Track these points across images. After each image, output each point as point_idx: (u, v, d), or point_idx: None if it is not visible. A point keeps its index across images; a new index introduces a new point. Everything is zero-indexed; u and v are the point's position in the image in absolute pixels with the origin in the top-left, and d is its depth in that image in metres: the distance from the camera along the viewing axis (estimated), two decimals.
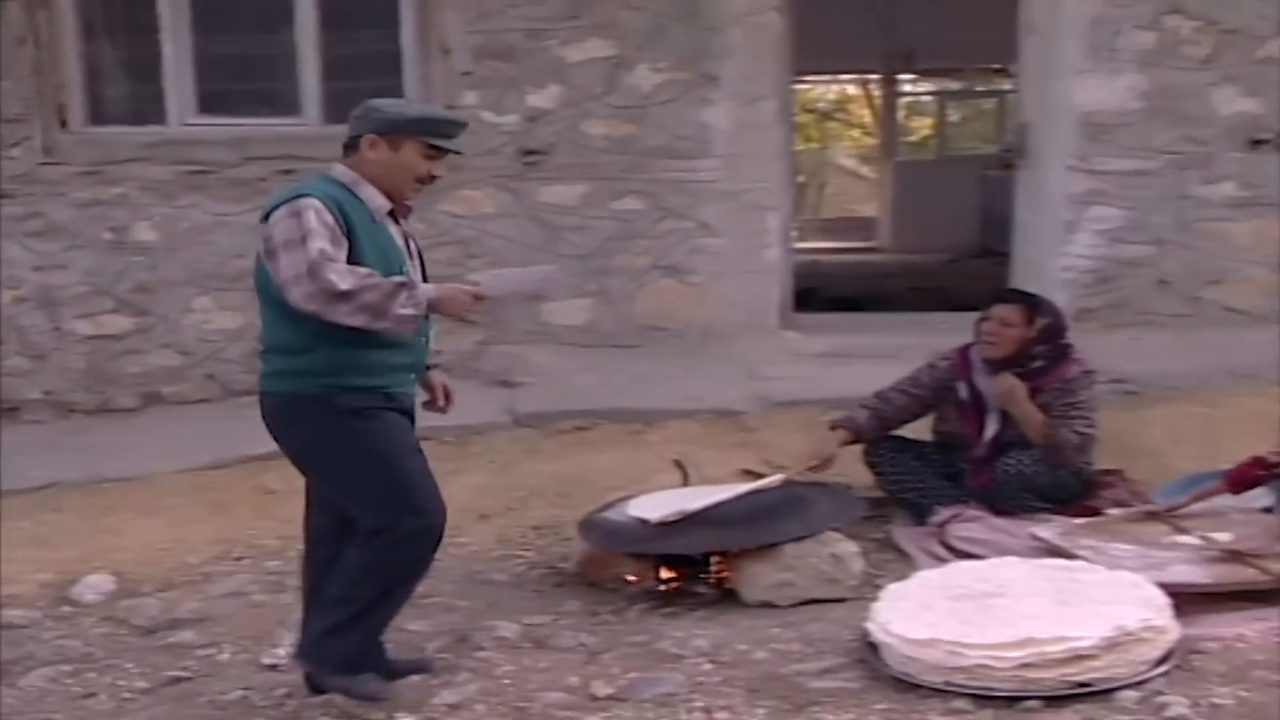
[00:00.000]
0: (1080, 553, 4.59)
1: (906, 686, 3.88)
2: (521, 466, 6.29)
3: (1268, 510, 5.03)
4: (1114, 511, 5.18)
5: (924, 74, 19.08)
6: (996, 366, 5.49)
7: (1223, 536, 4.68)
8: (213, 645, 4.72)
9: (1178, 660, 3.91)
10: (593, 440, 6.51)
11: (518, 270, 4.37)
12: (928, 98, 20.92)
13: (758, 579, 4.77)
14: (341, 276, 3.69)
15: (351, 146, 4.01)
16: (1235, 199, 7.69)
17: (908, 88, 19.64)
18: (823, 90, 24.07)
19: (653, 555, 4.95)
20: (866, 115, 23.71)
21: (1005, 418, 5.48)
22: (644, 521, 4.94)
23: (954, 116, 20.63)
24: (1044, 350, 5.50)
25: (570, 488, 5.96)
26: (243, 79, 8.13)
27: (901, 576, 4.56)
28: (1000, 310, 5.54)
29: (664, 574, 4.94)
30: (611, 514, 5.16)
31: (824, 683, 3.99)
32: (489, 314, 4.09)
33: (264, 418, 4.08)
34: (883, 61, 17.08)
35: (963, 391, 5.63)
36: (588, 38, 7.73)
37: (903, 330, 8.00)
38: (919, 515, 5.44)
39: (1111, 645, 3.78)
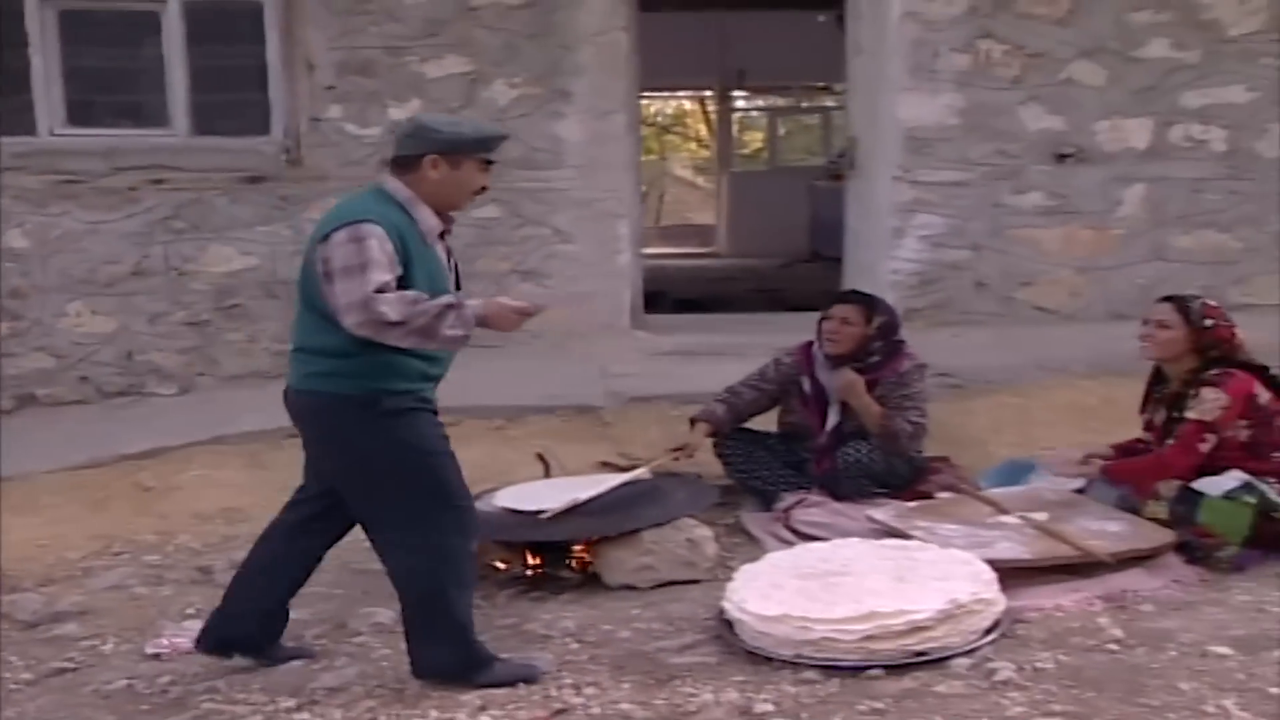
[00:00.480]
0: (914, 533, 4.68)
1: (760, 660, 3.92)
2: None
3: (1079, 492, 5.20)
4: (943, 494, 5.31)
5: (755, 91, 19.28)
6: (837, 362, 5.59)
7: (1039, 516, 4.80)
8: (96, 637, 4.62)
9: (1004, 629, 4.01)
10: (458, 435, 6.31)
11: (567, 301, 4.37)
12: (758, 113, 21.14)
13: (619, 563, 4.80)
14: (392, 307, 3.65)
15: (404, 164, 3.92)
16: (1043, 208, 7.90)
17: (740, 104, 19.82)
18: (661, 105, 24.19)
19: (520, 543, 4.94)
20: (702, 129, 23.91)
21: (845, 409, 5.58)
22: (512, 511, 4.94)
23: (782, 131, 20.88)
24: (880, 346, 5.61)
25: None
26: (111, 91, 7.95)
27: (752, 558, 4.61)
28: (841, 310, 5.64)
29: (531, 560, 4.95)
30: (480, 504, 5.11)
31: (684, 658, 4.03)
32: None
33: (297, 416, 4.03)
34: (717, 79, 17.24)
35: (806, 385, 5.72)
36: (446, 55, 7.71)
37: (743, 330, 8.10)
38: (766, 502, 5.52)
39: (946, 617, 3.86)
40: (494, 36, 7.68)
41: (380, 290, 3.66)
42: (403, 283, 3.75)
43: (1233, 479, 4.73)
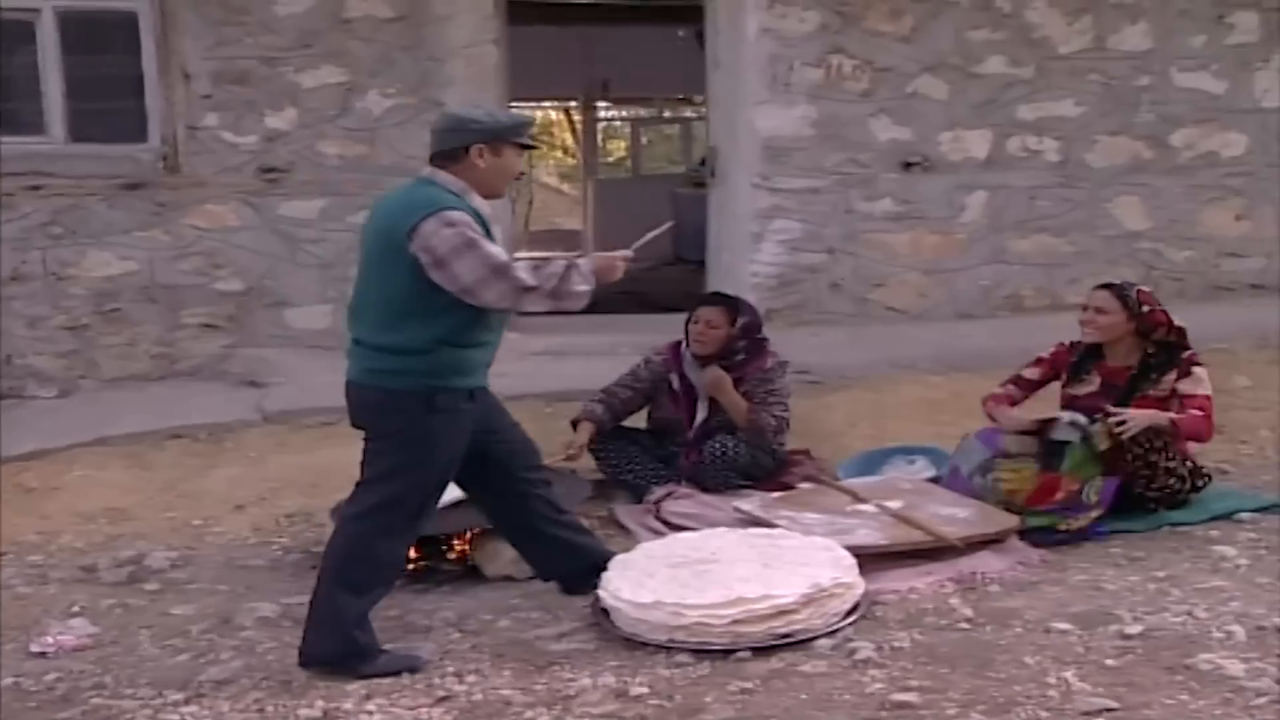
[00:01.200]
0: (778, 522, 4.71)
1: (635, 645, 3.94)
2: (272, 460, 6.12)
3: (934, 480, 5.30)
4: (804, 485, 5.36)
5: (618, 102, 19.28)
6: (705, 361, 5.63)
7: (894, 504, 4.88)
8: None
9: (863, 611, 4.07)
10: (339, 434, 6.27)
11: (651, 233, 4.55)
12: (622, 123, 21.14)
13: (498, 555, 4.78)
14: (527, 273, 3.84)
15: (449, 157, 3.98)
16: (893, 213, 8.04)
17: (604, 114, 19.81)
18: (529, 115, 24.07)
19: None
20: (568, 138, 23.82)
21: (713, 405, 5.62)
22: None
23: (645, 140, 20.91)
24: (744, 345, 5.65)
25: (320, 478, 5.83)
26: None
27: (625, 549, 4.60)
28: (706, 313, 5.67)
29: (412, 553, 4.88)
30: None
31: (562, 645, 4.03)
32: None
33: (357, 408, 4.08)
34: (582, 90, 17.21)
35: (676, 383, 5.74)
36: (321, 65, 7.60)
37: (612, 330, 8.07)
38: (637, 495, 5.52)
39: (809, 601, 3.91)
40: (368, 48, 7.59)
41: (504, 259, 3.81)
42: None
43: (1078, 415, 4.94)
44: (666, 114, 20.08)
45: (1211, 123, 8.29)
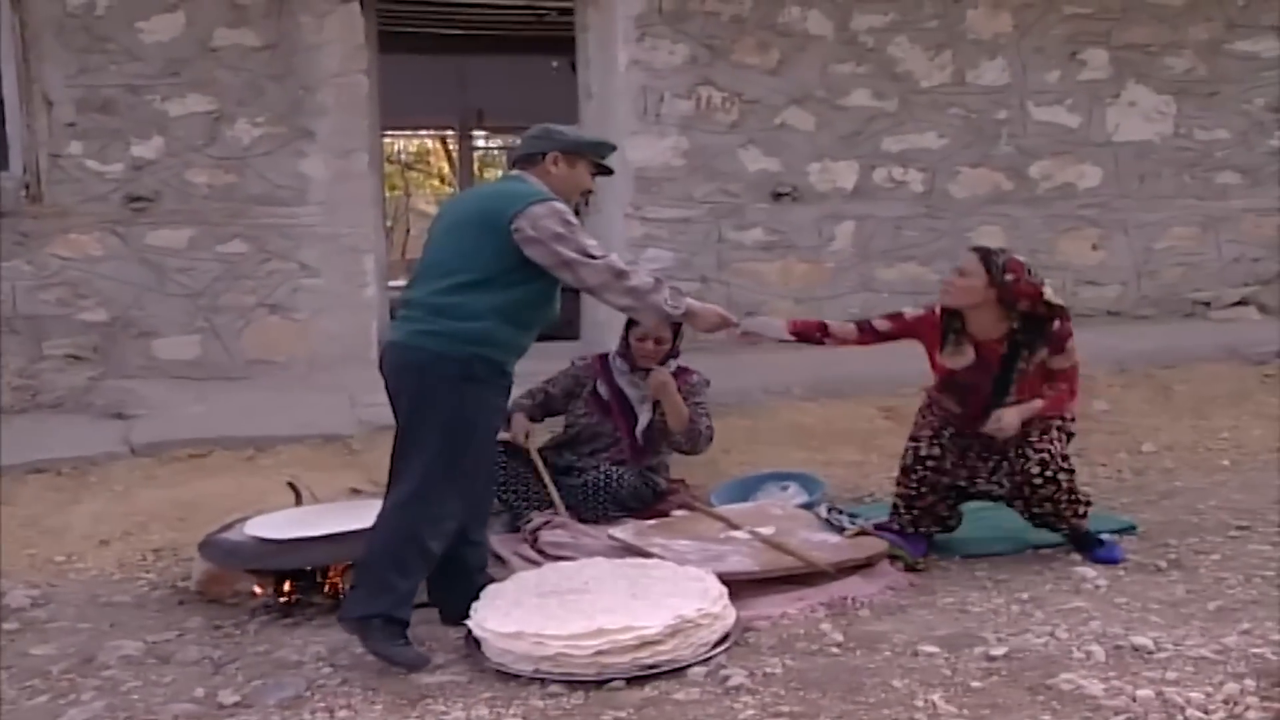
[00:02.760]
0: (652, 549, 4.70)
1: (508, 676, 3.88)
2: (139, 494, 5.93)
3: (805, 507, 5.33)
4: (679, 512, 5.34)
5: (493, 130, 19.24)
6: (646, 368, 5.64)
7: (766, 530, 4.90)
8: None
9: (736, 638, 4.06)
10: (208, 466, 6.21)
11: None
12: (498, 151, 21.11)
13: None
14: (621, 262, 4.13)
15: (528, 161, 4.32)
16: (763, 243, 8.13)
17: (480, 142, 19.76)
18: (404, 144, 23.93)
19: (271, 570, 4.77)
20: (444, 166, 23.72)
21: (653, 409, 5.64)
22: (262, 540, 4.77)
23: None
24: (676, 357, 5.71)
25: (188, 512, 5.67)
26: None
27: (500, 579, 4.57)
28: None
29: (285, 587, 4.78)
30: (230, 534, 4.94)
31: (435, 678, 3.96)
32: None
33: (398, 367, 4.20)
34: (457, 119, 17.16)
35: (604, 392, 5.72)
36: (188, 93, 7.42)
37: None
38: (513, 520, 5.46)
39: (674, 632, 3.88)
40: (236, 76, 7.45)
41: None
42: None
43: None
44: None
45: (1067, 155, 8.55)
